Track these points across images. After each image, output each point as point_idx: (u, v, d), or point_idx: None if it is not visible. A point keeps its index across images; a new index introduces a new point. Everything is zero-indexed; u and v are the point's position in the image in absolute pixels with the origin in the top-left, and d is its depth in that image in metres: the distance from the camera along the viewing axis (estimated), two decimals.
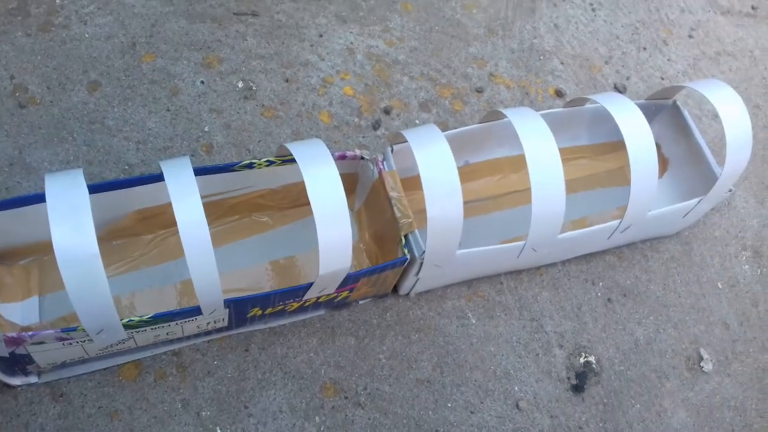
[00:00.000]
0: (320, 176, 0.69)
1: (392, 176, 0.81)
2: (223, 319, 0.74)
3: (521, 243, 0.80)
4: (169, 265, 0.83)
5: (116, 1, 1.01)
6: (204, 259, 0.64)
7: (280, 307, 0.76)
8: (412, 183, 0.86)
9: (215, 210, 0.84)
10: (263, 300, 0.73)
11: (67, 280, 0.60)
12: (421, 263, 0.78)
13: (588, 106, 0.95)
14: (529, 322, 0.90)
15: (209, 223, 0.85)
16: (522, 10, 1.19)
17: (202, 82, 0.97)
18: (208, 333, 0.79)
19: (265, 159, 0.79)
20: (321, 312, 0.85)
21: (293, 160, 0.80)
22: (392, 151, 0.83)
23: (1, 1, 0.96)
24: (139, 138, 0.90)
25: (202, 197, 0.79)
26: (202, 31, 1.02)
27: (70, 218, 0.61)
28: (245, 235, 0.87)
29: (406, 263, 0.78)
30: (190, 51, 0.99)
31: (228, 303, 0.70)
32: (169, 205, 0.80)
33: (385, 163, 0.83)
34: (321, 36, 1.06)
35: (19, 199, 0.71)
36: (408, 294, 0.88)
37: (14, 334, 0.63)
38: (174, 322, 0.70)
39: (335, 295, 0.78)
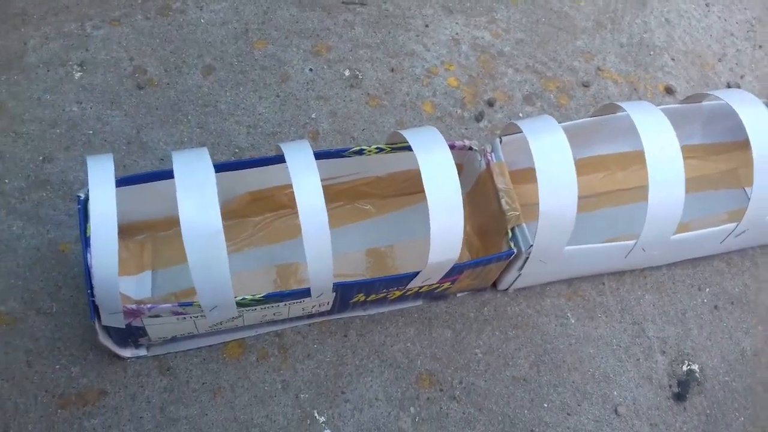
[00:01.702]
0: (436, 163, 0.69)
1: (500, 168, 0.80)
2: (328, 303, 0.75)
3: (631, 242, 0.78)
4: (274, 247, 0.84)
5: None
6: (321, 241, 0.65)
7: (382, 295, 0.77)
8: (518, 176, 0.85)
9: None
10: (368, 286, 0.73)
11: (190, 254, 0.62)
12: (527, 258, 0.77)
13: (705, 103, 0.91)
14: (631, 326, 0.87)
15: None
16: (632, 3, 1.16)
17: (311, 69, 0.98)
18: (310, 316, 0.80)
19: (375, 146, 0.79)
20: (419, 302, 0.85)
21: (403, 148, 0.80)
22: (501, 142, 0.82)
23: None
24: (250, 122, 0.92)
25: None
26: (311, 19, 1.03)
27: (196, 194, 0.62)
28: (347, 222, 0.87)
29: (512, 257, 0.76)
30: (299, 38, 1.01)
31: (336, 287, 0.70)
32: (279, 188, 0.83)
33: (493, 154, 0.81)
34: (427, 26, 1.05)
35: (139, 176, 0.74)
36: (507, 289, 0.87)
37: (133, 306, 0.66)
38: (283, 303, 0.71)
39: (437, 285, 0.78)
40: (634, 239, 0.77)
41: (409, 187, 0.88)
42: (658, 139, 0.74)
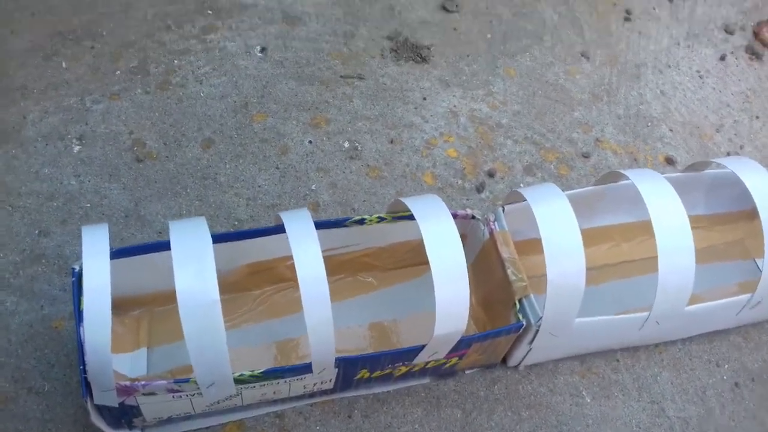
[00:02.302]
0: (439, 231, 0.67)
1: (504, 237, 0.79)
2: (330, 380, 0.72)
3: (644, 314, 0.75)
4: (273, 323, 0.81)
5: (230, 63, 1.04)
6: (321, 311, 0.62)
7: (388, 371, 0.74)
8: (522, 247, 0.83)
9: None
10: (373, 361, 0.70)
11: (186, 325, 0.59)
12: (537, 331, 0.74)
13: (707, 172, 0.91)
14: (649, 405, 0.83)
15: None
16: (626, 76, 1.17)
17: (310, 141, 0.98)
18: (311, 395, 0.76)
19: (377, 215, 0.78)
20: (426, 380, 0.81)
21: (404, 217, 0.79)
22: (504, 211, 0.81)
23: (123, 60, 1.01)
24: (249, 195, 0.91)
25: None
26: (310, 93, 1.03)
27: (193, 262, 0.61)
28: (349, 296, 0.85)
29: (521, 329, 0.74)
30: (299, 111, 1.01)
31: (338, 362, 0.67)
32: (279, 260, 0.80)
33: (496, 223, 0.80)
34: (425, 99, 1.06)
35: (136, 247, 0.72)
36: (517, 366, 0.84)
37: (127, 383, 0.63)
38: (283, 380, 0.68)
39: (444, 361, 0.75)
40: (645, 313, 0.75)
41: (412, 258, 0.86)
42: (665, 206, 0.73)
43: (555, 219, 0.70)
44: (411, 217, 0.78)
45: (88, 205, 0.87)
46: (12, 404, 0.73)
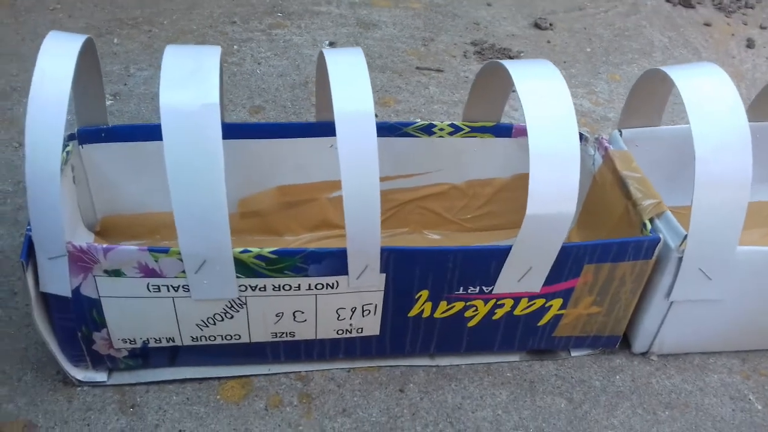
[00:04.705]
0: (544, 88, 0.49)
1: (624, 156, 0.58)
2: (375, 308, 0.50)
3: None
4: None
5: (295, 51, 0.94)
6: (365, 167, 0.43)
7: (458, 306, 0.51)
8: None
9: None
10: (436, 265, 0.48)
11: (170, 162, 0.41)
12: (680, 260, 0.50)
13: None
14: None
15: None
16: (756, 90, 0.99)
17: (376, 115, 0.83)
18: (350, 349, 0.53)
19: (449, 122, 0.60)
20: (514, 357, 0.57)
21: (487, 129, 0.60)
22: (621, 135, 0.61)
23: (178, 41, 0.93)
24: None
25: None
26: (381, 79, 0.90)
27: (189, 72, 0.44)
28: None
29: (657, 247, 0.50)
30: None
31: (386, 252, 0.46)
32: (321, 186, 0.62)
33: (612, 146, 0.60)
34: (513, 91, 0.91)
35: (143, 127, 0.57)
36: (646, 353, 0.58)
37: (83, 245, 0.44)
38: (306, 281, 0.47)
39: (542, 302, 0.52)
40: None
41: (493, 213, 0.65)
42: None
43: (711, 89, 0.51)
44: (496, 131, 0.61)
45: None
46: None
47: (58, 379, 0.51)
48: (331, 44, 0.96)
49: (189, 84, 0.43)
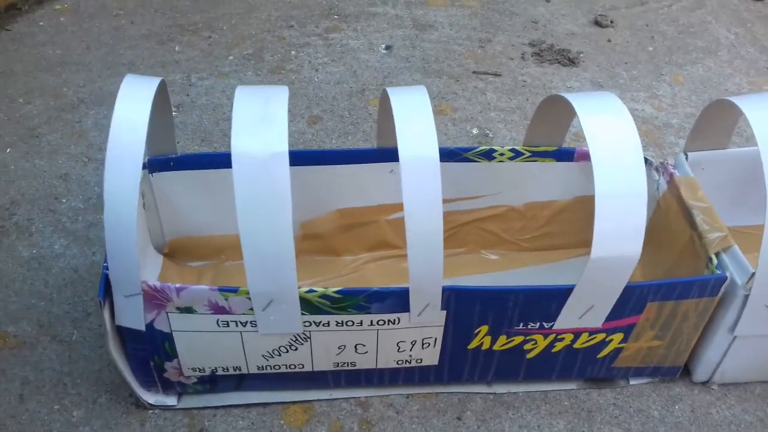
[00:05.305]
0: (609, 122, 0.48)
1: (690, 183, 0.57)
2: (435, 341, 0.51)
3: None
4: None
5: (351, 56, 0.94)
6: (429, 209, 0.44)
7: (518, 340, 0.51)
8: None
9: None
10: (497, 304, 0.48)
11: (241, 207, 0.42)
12: (746, 297, 0.50)
13: None
14: None
15: None
16: None
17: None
18: (409, 376, 0.54)
19: (509, 147, 0.60)
20: (572, 386, 0.57)
21: (548, 154, 0.60)
22: (687, 159, 0.60)
23: (239, 48, 0.94)
24: None
25: None
26: (437, 84, 0.90)
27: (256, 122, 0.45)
28: (462, 273, 0.65)
29: (723, 285, 0.50)
30: None
31: (447, 292, 0.47)
32: (380, 209, 0.63)
33: (677, 170, 0.59)
34: None
35: (214, 156, 0.58)
36: (707, 382, 0.58)
37: (156, 284, 0.46)
38: (368, 317, 0.48)
39: (602, 336, 0.52)
40: None
41: (552, 234, 0.65)
42: None
43: None
44: (558, 155, 0.60)
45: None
46: (28, 350, 0.57)
47: (131, 402, 0.54)
48: (388, 48, 0.96)
49: (259, 131, 0.44)
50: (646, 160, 0.60)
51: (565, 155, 0.61)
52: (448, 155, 0.60)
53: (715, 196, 0.60)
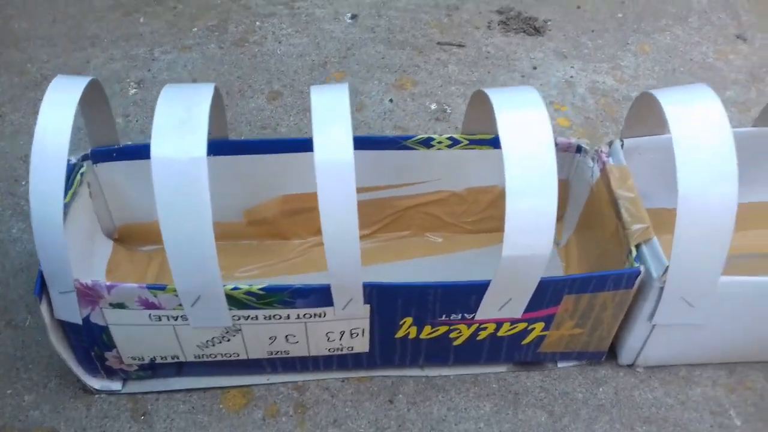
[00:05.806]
0: (519, 122, 0.48)
1: (621, 172, 0.58)
2: (363, 332, 0.53)
3: None
4: (309, 278, 0.64)
5: (316, 26, 0.94)
6: (342, 205, 0.45)
7: (443, 329, 0.53)
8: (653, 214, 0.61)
9: (378, 212, 0.66)
10: (419, 299, 0.50)
11: (162, 210, 0.44)
12: (661, 289, 0.51)
13: None
14: None
15: (372, 231, 0.67)
16: None
17: (391, 100, 0.84)
18: (342, 361, 0.57)
19: (447, 135, 0.61)
20: (502, 368, 0.60)
21: (485, 142, 0.61)
22: (623, 146, 0.61)
23: (203, 19, 0.94)
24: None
25: (364, 189, 0.62)
26: (399, 56, 0.90)
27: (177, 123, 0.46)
28: (408, 256, 0.67)
29: (637, 278, 0.52)
30: (382, 73, 0.87)
31: (368, 288, 0.49)
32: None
33: (611, 158, 0.60)
34: (535, 68, 0.89)
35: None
36: (632, 365, 0.60)
37: (87, 282, 0.48)
38: (294, 313, 0.50)
39: (524, 326, 0.54)
40: None
41: (493, 218, 0.66)
42: None
43: (695, 119, 0.50)
44: (495, 143, 0.61)
45: (129, 142, 0.77)
46: None
47: (79, 387, 0.57)
48: (354, 17, 0.96)
49: (179, 136, 0.45)
50: (580, 147, 0.62)
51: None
52: (388, 143, 0.61)
53: (653, 181, 0.61)
